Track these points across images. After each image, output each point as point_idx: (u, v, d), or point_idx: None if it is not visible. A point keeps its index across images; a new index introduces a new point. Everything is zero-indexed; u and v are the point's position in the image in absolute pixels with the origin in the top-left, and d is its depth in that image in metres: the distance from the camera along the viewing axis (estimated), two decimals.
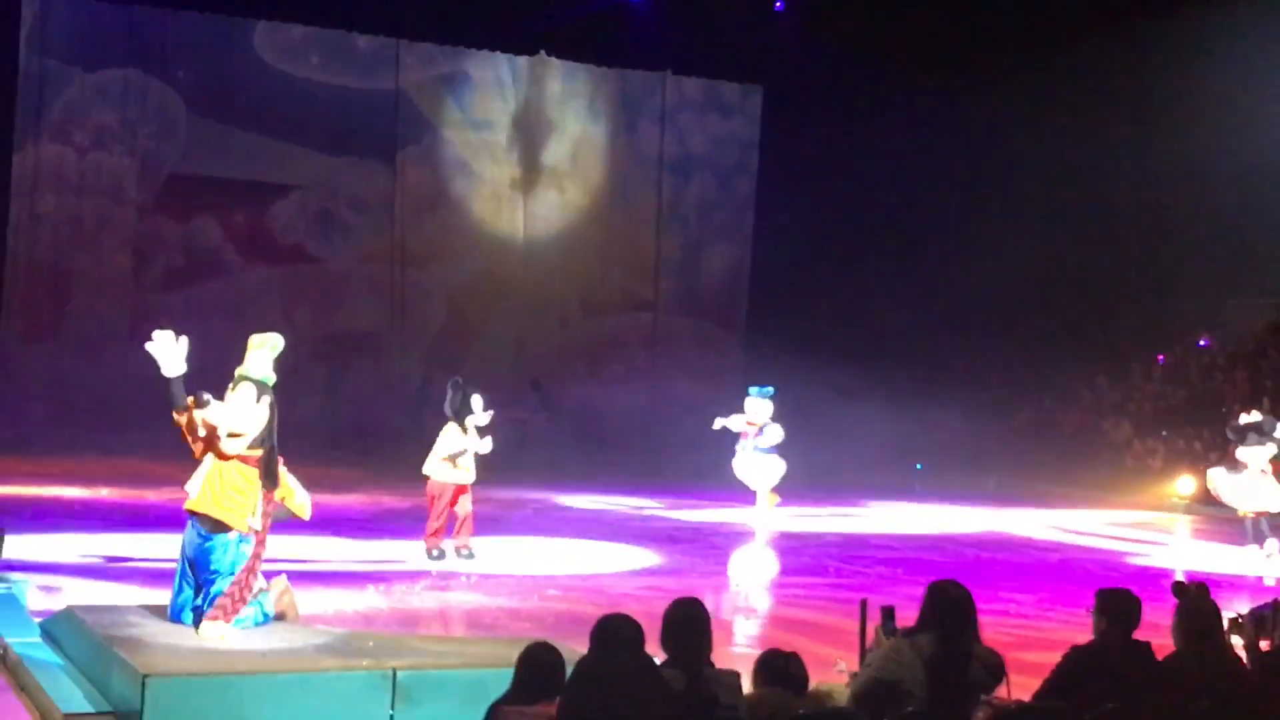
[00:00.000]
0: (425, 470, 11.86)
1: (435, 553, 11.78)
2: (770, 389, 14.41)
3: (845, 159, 25.16)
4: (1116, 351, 25.05)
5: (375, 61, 24.76)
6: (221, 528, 7.29)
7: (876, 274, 25.31)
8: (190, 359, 7.32)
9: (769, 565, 13.83)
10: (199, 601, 7.21)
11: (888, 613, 5.92)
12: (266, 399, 7.34)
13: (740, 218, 27.96)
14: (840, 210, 25.62)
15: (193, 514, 7.35)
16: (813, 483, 20.20)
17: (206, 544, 7.20)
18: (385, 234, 25.26)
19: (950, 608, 5.24)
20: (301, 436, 14.37)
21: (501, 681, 4.80)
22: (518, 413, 22.70)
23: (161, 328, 7.42)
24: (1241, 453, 13.32)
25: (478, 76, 25.69)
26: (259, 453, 7.38)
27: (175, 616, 7.30)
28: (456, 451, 11.70)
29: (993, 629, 6.51)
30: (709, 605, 5.08)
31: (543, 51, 25.72)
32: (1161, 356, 25.63)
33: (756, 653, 5.35)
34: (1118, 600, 5.61)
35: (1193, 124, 22.92)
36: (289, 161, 24.19)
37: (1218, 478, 13.52)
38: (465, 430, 11.82)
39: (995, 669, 5.27)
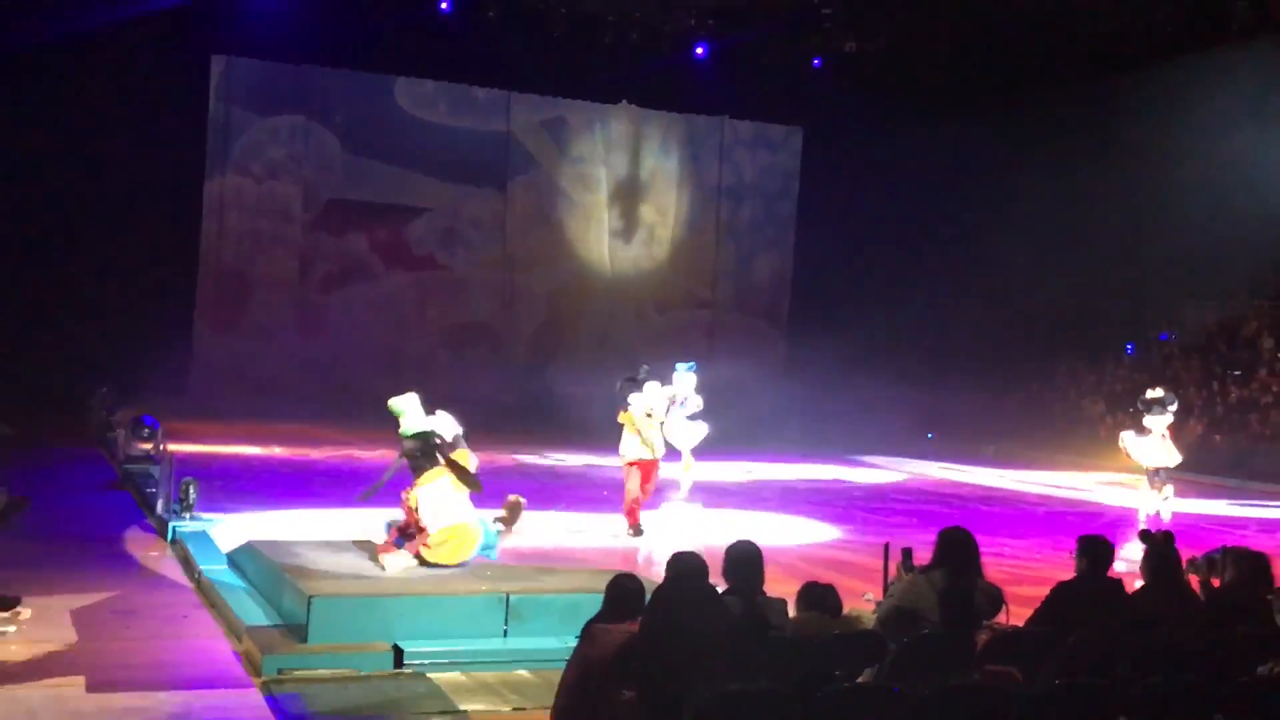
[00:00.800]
0: (621, 452, 10.30)
1: (633, 530, 10.27)
2: (693, 365, 12.97)
3: (872, 186, 24.72)
4: (1092, 343, 24.63)
5: (491, 109, 24.53)
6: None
7: (898, 280, 24.80)
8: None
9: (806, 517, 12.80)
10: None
11: (907, 553, 5.80)
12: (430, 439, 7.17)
13: (783, 235, 27.54)
14: (867, 227, 25.18)
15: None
16: (841, 446, 19.98)
17: None
18: (497, 246, 25.02)
19: (957, 549, 5.15)
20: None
21: (594, 605, 4.70)
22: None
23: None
24: (1147, 420, 13.39)
25: (573, 121, 25.43)
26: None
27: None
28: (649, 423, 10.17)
29: (992, 568, 6.38)
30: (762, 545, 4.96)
31: (625, 100, 25.51)
32: (1130, 347, 25.28)
33: (799, 585, 5.24)
34: (1095, 544, 5.54)
35: (1160, 162, 22.51)
36: (421, 189, 24.03)
37: (1128, 440, 13.52)
38: (649, 414, 10.24)
39: (995, 600, 5.20)
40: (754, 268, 27.38)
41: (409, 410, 7.18)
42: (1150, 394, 13.63)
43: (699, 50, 23.79)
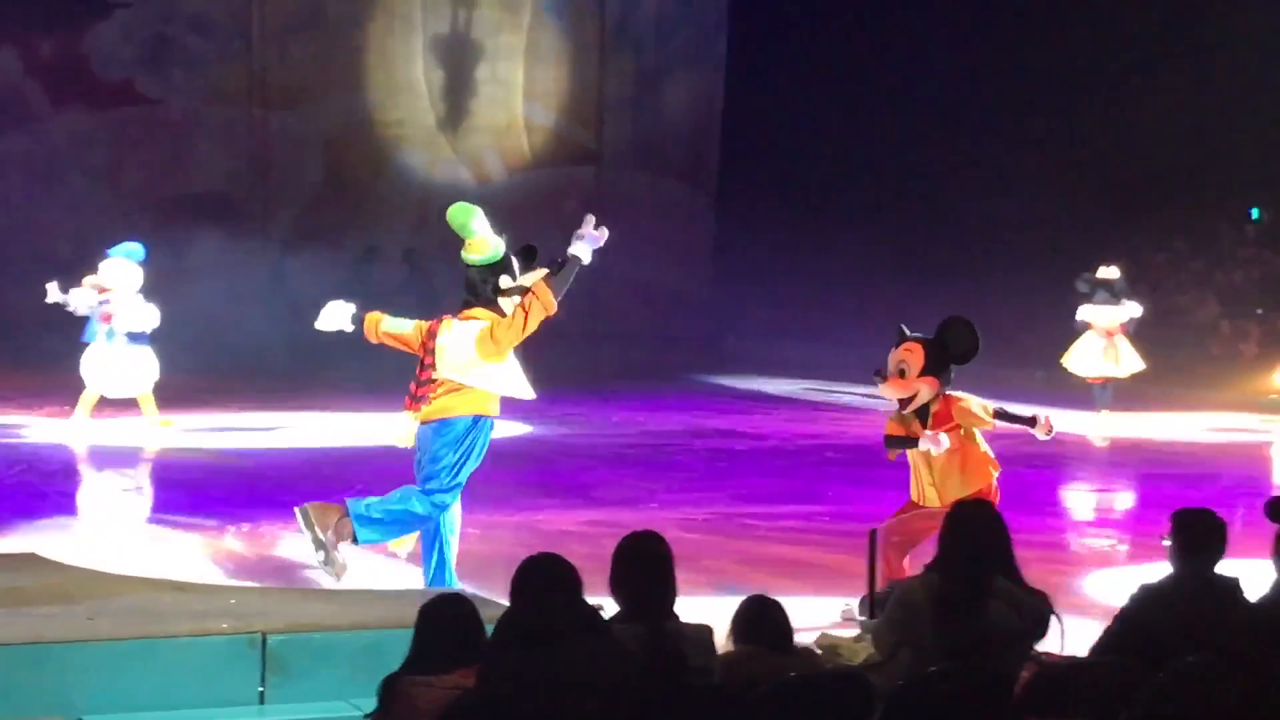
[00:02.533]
0: None
1: None
2: (138, 247, 13.42)
3: None
4: (1199, 206, 25.02)
5: None
6: None
7: (888, 109, 25.15)
8: None
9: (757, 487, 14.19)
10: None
11: None
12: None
13: (708, 43, 27.69)
14: (840, 24, 25.59)
15: None
16: (806, 369, 21.90)
17: None
18: (240, 66, 24.88)
19: (967, 533, 5.61)
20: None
21: (402, 644, 4.87)
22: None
23: None
24: (1084, 311, 15.24)
25: None
26: None
27: None
28: None
29: (1037, 563, 6.95)
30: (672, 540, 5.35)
31: None
32: (1256, 211, 25.45)
33: (735, 600, 5.64)
34: (1197, 524, 5.81)
35: None
36: None
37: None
38: None
39: (1033, 613, 5.56)
40: (663, 96, 27.79)
41: (479, 228, 8.16)
42: (1101, 272, 15.35)
43: None
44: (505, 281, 8.23)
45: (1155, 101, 24.86)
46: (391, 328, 8.65)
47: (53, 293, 14.49)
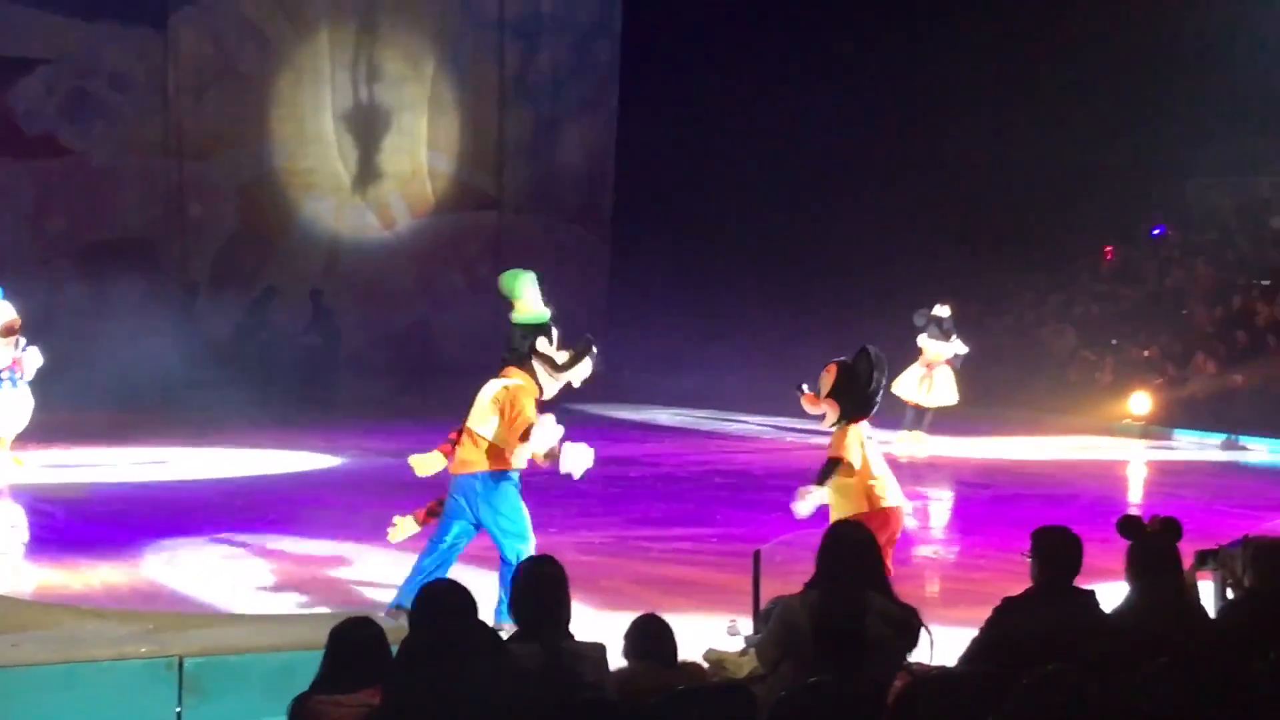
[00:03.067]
0: None
1: None
2: None
3: (733, 26, 25.93)
4: (1057, 245, 26.02)
5: None
6: None
7: (770, 151, 25.89)
8: None
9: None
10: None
11: None
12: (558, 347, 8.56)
13: (603, 93, 28.46)
14: (725, 76, 26.10)
15: None
16: (700, 400, 22.16)
17: None
18: (157, 118, 25.34)
19: (843, 553, 5.61)
20: (61, 374, 15.73)
21: (313, 665, 4.92)
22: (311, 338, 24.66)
23: None
24: (920, 340, 15.88)
25: None
26: None
27: None
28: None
29: (911, 582, 7.26)
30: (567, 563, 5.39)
31: None
32: (1110, 250, 26.52)
33: (628, 618, 5.75)
34: (1055, 541, 5.90)
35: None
36: (33, 29, 24.23)
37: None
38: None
39: (904, 626, 5.53)
40: (558, 143, 28.47)
41: (526, 293, 8.37)
42: (936, 309, 15.99)
43: None
44: (542, 344, 8.41)
45: (1019, 149, 25.35)
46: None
47: None
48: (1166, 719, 4.93)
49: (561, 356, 8.56)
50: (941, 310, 15.98)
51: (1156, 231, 26.44)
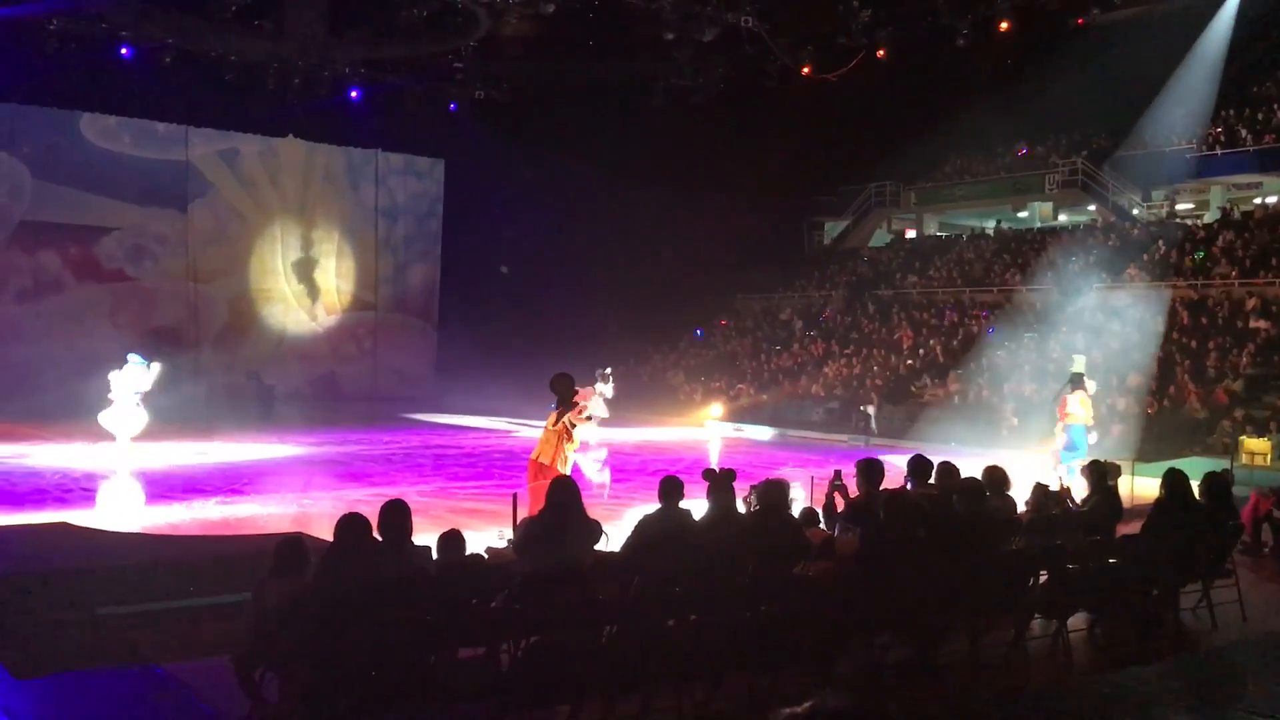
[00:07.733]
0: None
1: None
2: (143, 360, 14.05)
3: (503, 204, 29.59)
4: (672, 328, 29.94)
5: (170, 141, 27.99)
6: None
7: (527, 280, 29.57)
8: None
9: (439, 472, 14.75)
10: None
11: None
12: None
13: (432, 247, 31.08)
14: (499, 240, 30.01)
15: None
16: (486, 415, 23.31)
17: None
18: (181, 260, 27.90)
19: (555, 491, 6.20)
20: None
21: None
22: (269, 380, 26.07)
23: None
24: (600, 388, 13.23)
25: (245, 151, 29.13)
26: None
27: None
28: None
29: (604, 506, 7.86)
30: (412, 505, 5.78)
31: (291, 135, 29.39)
32: (699, 331, 30.20)
33: (442, 529, 6.15)
34: (669, 481, 6.46)
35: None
36: (109, 211, 26.89)
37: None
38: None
39: (593, 531, 6.16)
40: (408, 275, 30.89)
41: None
42: (608, 370, 13.72)
43: (353, 93, 29.28)
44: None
45: (658, 247, 28.57)
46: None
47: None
48: (724, 572, 5.46)
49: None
50: (605, 370, 13.11)
51: (698, 333, 27.81)
